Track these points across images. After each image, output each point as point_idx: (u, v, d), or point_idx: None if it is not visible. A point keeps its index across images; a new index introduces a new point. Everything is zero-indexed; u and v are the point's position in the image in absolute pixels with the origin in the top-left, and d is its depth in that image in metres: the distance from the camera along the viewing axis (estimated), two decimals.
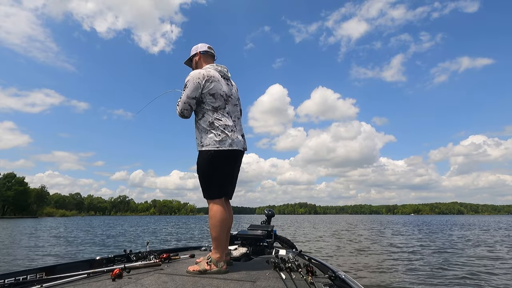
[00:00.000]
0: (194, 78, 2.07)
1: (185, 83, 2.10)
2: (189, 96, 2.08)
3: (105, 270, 1.91)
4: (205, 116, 2.10)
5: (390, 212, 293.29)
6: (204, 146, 2.06)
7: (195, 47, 2.36)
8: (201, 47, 2.34)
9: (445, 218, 62.44)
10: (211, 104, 2.09)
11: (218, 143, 2.04)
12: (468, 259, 6.67)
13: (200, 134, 2.11)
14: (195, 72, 2.12)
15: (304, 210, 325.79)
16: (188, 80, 2.09)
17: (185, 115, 2.13)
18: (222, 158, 2.06)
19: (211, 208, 2.05)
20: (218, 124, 2.07)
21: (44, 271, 1.78)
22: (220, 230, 2.02)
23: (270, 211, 3.59)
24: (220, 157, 2.05)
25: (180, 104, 2.10)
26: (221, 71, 2.23)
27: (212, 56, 2.37)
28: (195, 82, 2.07)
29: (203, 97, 2.09)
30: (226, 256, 2.08)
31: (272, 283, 1.67)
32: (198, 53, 2.33)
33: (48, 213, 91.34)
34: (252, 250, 2.79)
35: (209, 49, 2.35)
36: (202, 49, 2.33)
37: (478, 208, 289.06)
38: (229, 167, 2.14)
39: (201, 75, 2.09)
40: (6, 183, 78.17)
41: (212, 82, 2.10)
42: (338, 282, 1.63)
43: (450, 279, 4.71)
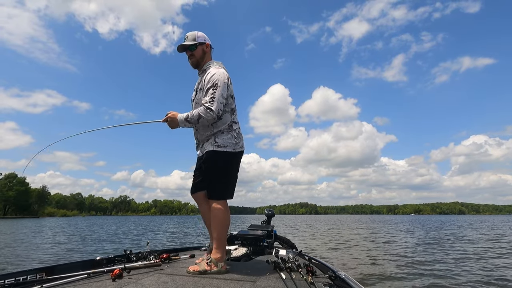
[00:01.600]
0: (224, 79, 2.00)
1: (213, 82, 1.98)
2: (223, 96, 1.98)
3: (105, 270, 1.91)
4: (224, 117, 2.05)
5: (391, 212, 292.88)
6: (221, 147, 2.03)
7: (202, 35, 2.19)
8: (207, 39, 2.22)
9: (446, 218, 62.36)
10: (230, 106, 2.09)
11: (235, 145, 2.07)
12: (468, 258, 6.65)
13: (215, 134, 2.06)
14: (221, 72, 2.04)
15: (305, 210, 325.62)
16: (218, 80, 1.98)
17: (220, 116, 1.99)
18: (238, 159, 2.12)
19: (218, 208, 2.03)
20: (235, 127, 2.11)
21: (44, 271, 1.78)
22: (224, 230, 2.05)
23: (270, 211, 3.59)
24: (237, 158, 2.10)
25: (216, 104, 1.95)
26: None
27: (211, 51, 2.29)
28: (225, 82, 2.00)
29: (227, 98, 2.05)
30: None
31: (272, 283, 1.67)
32: (208, 45, 2.20)
33: (49, 213, 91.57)
34: (252, 250, 2.79)
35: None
36: (210, 42, 2.23)
37: (479, 208, 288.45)
38: (237, 167, 2.18)
39: (226, 76, 2.04)
40: (7, 183, 78.33)
41: (231, 84, 2.09)
42: (338, 282, 1.63)
43: (450, 279, 4.70)
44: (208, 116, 1.94)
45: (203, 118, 1.94)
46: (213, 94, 1.95)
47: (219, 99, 1.95)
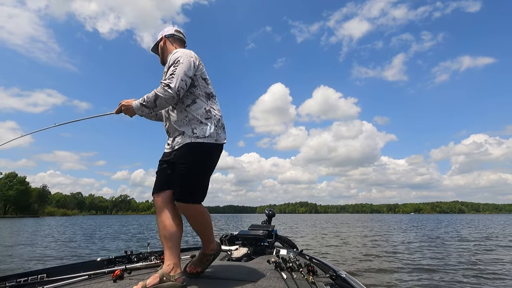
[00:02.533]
0: (187, 56, 1.72)
1: (174, 59, 1.70)
2: (186, 73, 1.67)
3: (106, 271, 1.91)
4: (198, 102, 1.74)
5: (391, 211, 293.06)
6: (201, 138, 1.68)
7: (161, 32, 2.03)
8: (167, 31, 2.01)
9: (446, 217, 62.41)
10: (204, 90, 1.78)
11: (217, 135, 1.73)
12: (469, 259, 6.66)
13: (190, 123, 1.71)
14: (185, 50, 1.79)
15: (305, 209, 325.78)
16: (180, 57, 1.70)
17: (180, 95, 1.67)
18: (217, 153, 1.79)
19: (186, 208, 1.71)
20: (214, 114, 1.77)
21: (45, 272, 1.77)
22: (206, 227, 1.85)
23: (271, 211, 3.58)
24: (217, 152, 1.78)
25: (176, 80, 1.64)
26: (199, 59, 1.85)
27: (181, 41, 2.03)
28: (190, 60, 1.71)
29: (195, 79, 1.76)
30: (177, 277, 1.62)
31: (273, 283, 1.67)
32: (163, 37, 1.98)
33: (50, 213, 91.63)
34: (253, 250, 2.78)
35: (176, 32, 2.02)
36: (168, 33, 2.00)
37: (479, 207, 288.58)
38: (216, 163, 1.84)
39: (193, 54, 1.77)
40: (7, 183, 78.33)
41: (203, 66, 1.82)
42: (339, 281, 1.63)
43: (451, 279, 4.70)
44: (166, 94, 1.62)
45: (160, 98, 1.63)
46: (173, 71, 1.66)
47: (180, 75, 1.65)
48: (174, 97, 1.64)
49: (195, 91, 1.76)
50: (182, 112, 1.74)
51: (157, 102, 1.65)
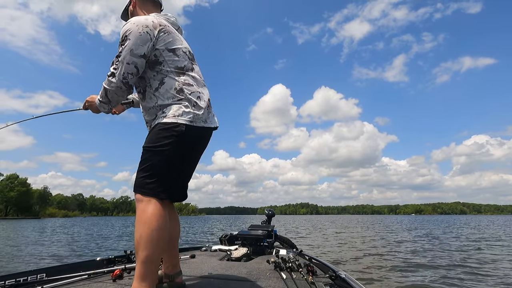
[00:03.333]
0: (138, 27, 1.33)
1: (123, 35, 1.34)
2: (134, 53, 1.31)
3: (105, 271, 1.91)
4: (167, 81, 1.38)
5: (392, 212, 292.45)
6: (171, 117, 1.34)
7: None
8: None
9: (446, 218, 62.22)
10: (174, 64, 1.40)
11: (192, 117, 1.36)
12: (469, 258, 6.63)
13: (160, 107, 1.39)
14: (138, 18, 1.38)
15: (306, 211, 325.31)
16: (129, 31, 1.32)
17: (129, 82, 1.35)
18: (194, 138, 1.40)
19: (145, 208, 1.29)
20: (190, 91, 1.39)
21: (44, 272, 1.77)
22: (158, 246, 1.26)
23: (271, 211, 3.58)
24: (192, 137, 1.37)
25: (121, 66, 1.32)
26: (174, 23, 1.55)
27: (155, 4, 1.62)
28: (142, 32, 1.32)
29: (159, 55, 1.38)
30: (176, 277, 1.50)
31: (273, 283, 1.67)
32: (131, 0, 1.60)
33: (51, 214, 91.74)
34: (252, 250, 2.78)
35: None
36: None
37: (481, 208, 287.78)
38: (198, 153, 1.49)
39: (149, 22, 1.36)
40: (9, 184, 78.52)
41: (167, 33, 1.40)
42: (339, 281, 1.62)
43: (451, 279, 4.68)
44: (111, 86, 1.35)
45: (108, 91, 1.36)
46: (119, 52, 1.33)
47: (126, 58, 1.32)
48: (120, 87, 1.34)
49: (162, 69, 1.39)
50: (152, 98, 1.41)
51: (108, 96, 1.39)
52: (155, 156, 1.33)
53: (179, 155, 1.36)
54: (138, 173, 1.35)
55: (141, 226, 1.26)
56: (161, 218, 1.28)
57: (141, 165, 1.36)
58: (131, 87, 1.39)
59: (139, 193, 1.32)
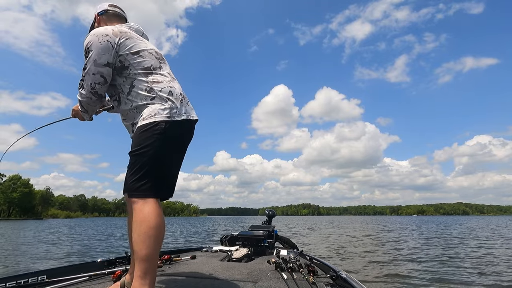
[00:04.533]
0: (99, 37, 1.36)
1: (85, 48, 1.38)
2: (98, 63, 1.35)
3: (106, 273, 1.91)
4: (136, 84, 1.40)
5: (394, 213, 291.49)
6: (148, 118, 1.34)
7: (98, 7, 1.67)
8: (100, 7, 1.64)
9: (448, 219, 61.92)
10: (140, 65, 1.42)
11: (169, 112, 1.36)
12: (470, 258, 6.60)
13: (137, 111, 1.41)
14: (98, 29, 1.41)
15: (308, 211, 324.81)
16: (90, 42, 1.36)
17: (99, 92, 1.40)
18: (177, 133, 1.39)
19: (142, 208, 1.27)
20: (160, 88, 1.39)
21: (45, 274, 1.77)
22: (156, 244, 1.26)
23: (271, 211, 3.58)
24: (174, 132, 1.37)
25: (87, 78, 1.37)
26: (138, 29, 1.58)
27: (119, 17, 1.65)
28: (102, 41, 1.36)
29: (123, 60, 1.40)
30: None
31: (274, 283, 1.66)
32: (95, 16, 1.63)
33: (53, 215, 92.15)
34: (253, 251, 2.78)
35: (111, 7, 1.64)
36: (101, 9, 1.63)
37: (483, 208, 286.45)
38: (183, 146, 1.48)
39: (109, 31, 1.39)
40: (11, 185, 78.91)
41: (129, 39, 1.43)
42: (339, 282, 1.62)
43: (451, 279, 4.66)
44: (82, 97, 1.43)
45: (80, 101, 1.45)
46: (85, 64, 1.38)
47: (90, 69, 1.35)
48: (90, 97, 1.40)
49: (130, 73, 1.41)
50: (127, 103, 1.44)
51: (84, 107, 1.47)
52: (142, 158, 1.32)
53: (165, 153, 1.36)
54: (128, 178, 1.34)
55: (138, 225, 1.25)
56: (159, 216, 1.28)
57: (130, 169, 1.34)
58: (101, 96, 1.45)
59: (134, 197, 1.31)
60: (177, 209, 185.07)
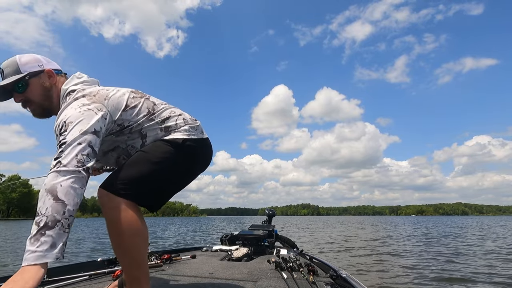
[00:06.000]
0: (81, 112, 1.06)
1: (61, 123, 1.02)
2: (91, 131, 1.03)
3: (106, 272, 1.90)
4: (148, 132, 1.25)
5: (393, 213, 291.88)
6: (171, 133, 1.25)
7: (31, 59, 1.21)
8: (47, 62, 1.26)
9: (448, 219, 61.99)
10: (140, 114, 1.23)
11: (189, 130, 1.28)
12: (469, 258, 6.61)
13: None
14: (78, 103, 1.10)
15: (307, 211, 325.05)
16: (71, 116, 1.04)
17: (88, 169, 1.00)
18: (195, 150, 1.29)
19: (124, 211, 1.08)
20: (175, 123, 1.28)
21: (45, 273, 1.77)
22: (144, 247, 1.15)
23: (271, 211, 3.58)
24: (193, 149, 1.28)
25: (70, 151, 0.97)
26: (93, 80, 1.31)
27: (65, 76, 1.30)
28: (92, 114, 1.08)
29: (120, 122, 1.19)
30: None
31: (274, 282, 1.66)
32: (50, 71, 1.23)
33: None
34: (253, 250, 2.78)
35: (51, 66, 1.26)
36: (54, 67, 1.27)
37: (482, 208, 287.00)
38: (201, 166, 1.38)
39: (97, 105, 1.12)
40: (11, 185, 78.79)
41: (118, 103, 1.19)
42: (339, 281, 1.62)
43: (451, 279, 4.67)
44: (62, 181, 0.92)
45: (57, 191, 0.90)
46: (64, 139, 0.98)
47: (77, 139, 0.99)
48: (83, 176, 0.98)
49: (133, 127, 1.23)
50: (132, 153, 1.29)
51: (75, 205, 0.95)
52: (154, 165, 1.18)
53: (179, 169, 1.27)
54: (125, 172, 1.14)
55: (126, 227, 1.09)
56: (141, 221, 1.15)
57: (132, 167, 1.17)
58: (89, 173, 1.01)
59: (123, 196, 1.10)
60: (176, 209, 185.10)
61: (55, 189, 0.90)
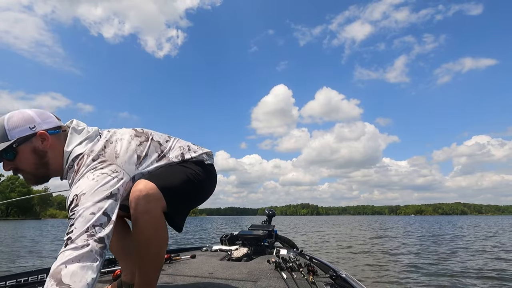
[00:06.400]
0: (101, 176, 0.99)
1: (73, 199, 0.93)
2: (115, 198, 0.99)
3: (106, 271, 1.90)
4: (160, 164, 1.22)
5: (392, 213, 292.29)
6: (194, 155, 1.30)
7: (19, 121, 1.02)
8: (42, 121, 1.07)
9: (447, 219, 62.03)
10: (152, 159, 1.19)
11: (206, 155, 1.35)
12: (470, 258, 6.62)
13: None
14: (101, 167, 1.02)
15: (306, 211, 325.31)
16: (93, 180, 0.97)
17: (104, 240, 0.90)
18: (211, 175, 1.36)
19: (160, 217, 1.07)
20: (183, 152, 1.29)
21: (45, 272, 1.76)
22: (164, 255, 1.20)
23: (271, 211, 3.58)
24: (210, 173, 1.35)
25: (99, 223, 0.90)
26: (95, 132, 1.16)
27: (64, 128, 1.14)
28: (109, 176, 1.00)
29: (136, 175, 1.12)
30: None
31: (274, 282, 1.66)
32: (43, 133, 1.05)
33: (51, 215, 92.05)
34: (253, 250, 2.78)
35: (58, 121, 1.15)
36: (49, 126, 1.08)
37: (481, 208, 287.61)
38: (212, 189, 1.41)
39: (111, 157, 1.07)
40: (9, 185, 78.74)
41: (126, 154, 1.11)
42: (339, 281, 1.62)
43: (450, 279, 4.68)
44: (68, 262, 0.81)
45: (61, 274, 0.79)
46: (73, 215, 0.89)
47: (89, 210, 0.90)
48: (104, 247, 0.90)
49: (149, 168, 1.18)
50: None
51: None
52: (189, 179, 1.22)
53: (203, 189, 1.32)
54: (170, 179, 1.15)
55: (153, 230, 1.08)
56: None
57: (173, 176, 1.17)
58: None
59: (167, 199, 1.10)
60: None
61: (59, 272, 0.80)
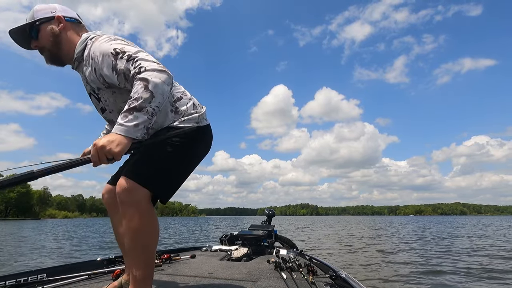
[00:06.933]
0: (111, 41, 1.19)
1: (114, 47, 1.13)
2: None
3: (106, 271, 1.91)
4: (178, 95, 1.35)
5: (392, 213, 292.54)
6: (180, 121, 1.27)
7: (44, 7, 1.23)
8: (62, 10, 1.27)
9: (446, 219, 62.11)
10: None
11: (198, 118, 1.32)
12: (469, 258, 6.63)
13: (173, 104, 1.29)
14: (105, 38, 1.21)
15: (306, 211, 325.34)
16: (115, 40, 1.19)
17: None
18: (203, 139, 1.36)
19: (144, 211, 1.12)
20: (182, 95, 1.34)
21: (45, 272, 1.77)
22: (156, 246, 1.20)
23: (271, 211, 3.58)
24: (202, 137, 1.34)
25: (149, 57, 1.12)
26: None
27: (83, 27, 1.34)
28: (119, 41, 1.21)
29: None
30: None
31: (273, 283, 1.66)
32: (60, 17, 1.24)
33: (51, 215, 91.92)
34: (253, 250, 2.78)
35: (78, 16, 1.33)
36: (67, 14, 1.27)
37: (481, 208, 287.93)
38: (206, 151, 1.43)
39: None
40: None
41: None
42: (339, 281, 1.62)
43: (450, 279, 4.68)
44: (162, 78, 1.06)
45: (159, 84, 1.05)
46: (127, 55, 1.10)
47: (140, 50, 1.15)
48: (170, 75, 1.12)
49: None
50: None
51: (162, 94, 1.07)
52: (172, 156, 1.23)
53: (189, 155, 1.31)
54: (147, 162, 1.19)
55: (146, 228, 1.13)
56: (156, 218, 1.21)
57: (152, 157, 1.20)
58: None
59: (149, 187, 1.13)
60: (175, 209, 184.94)
61: (148, 79, 1.04)
